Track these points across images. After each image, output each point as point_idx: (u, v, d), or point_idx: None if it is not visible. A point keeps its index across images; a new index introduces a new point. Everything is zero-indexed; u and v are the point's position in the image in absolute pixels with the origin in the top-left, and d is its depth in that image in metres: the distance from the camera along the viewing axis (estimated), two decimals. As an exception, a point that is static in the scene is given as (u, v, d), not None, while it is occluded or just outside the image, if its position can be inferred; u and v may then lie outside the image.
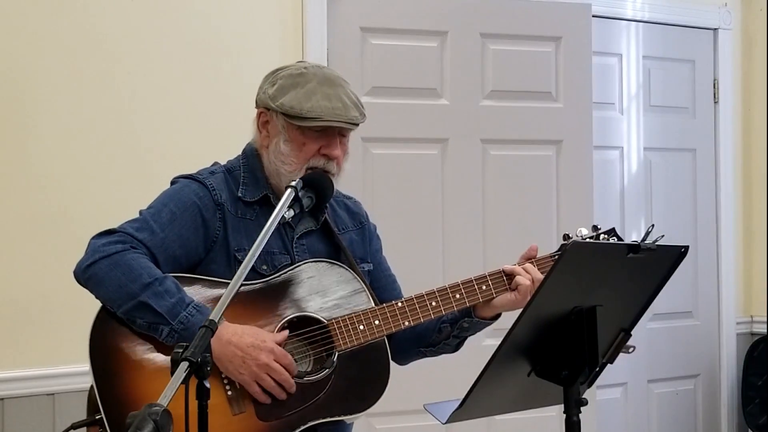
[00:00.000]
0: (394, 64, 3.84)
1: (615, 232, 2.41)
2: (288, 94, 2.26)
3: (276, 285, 2.25)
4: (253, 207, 2.32)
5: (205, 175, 2.33)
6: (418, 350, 2.48)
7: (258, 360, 2.14)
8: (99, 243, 2.19)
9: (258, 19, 3.59)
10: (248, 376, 2.14)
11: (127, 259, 2.16)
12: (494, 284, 2.33)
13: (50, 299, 3.18)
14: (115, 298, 2.15)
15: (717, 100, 4.62)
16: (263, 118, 2.33)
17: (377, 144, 3.82)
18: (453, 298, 2.31)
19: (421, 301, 2.30)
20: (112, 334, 2.17)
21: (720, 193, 4.63)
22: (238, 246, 2.27)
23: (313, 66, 2.34)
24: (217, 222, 2.27)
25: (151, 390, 2.09)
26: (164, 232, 2.22)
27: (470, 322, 2.39)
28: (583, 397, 2.01)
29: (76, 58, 3.29)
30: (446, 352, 2.49)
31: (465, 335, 2.44)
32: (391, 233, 3.81)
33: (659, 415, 4.53)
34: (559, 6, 4.06)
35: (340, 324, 2.25)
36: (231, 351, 2.13)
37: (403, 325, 2.28)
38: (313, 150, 2.28)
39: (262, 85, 2.35)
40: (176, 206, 2.25)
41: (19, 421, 3.18)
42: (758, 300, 4.65)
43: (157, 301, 2.13)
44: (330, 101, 2.26)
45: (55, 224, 3.23)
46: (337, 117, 2.26)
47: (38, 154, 3.24)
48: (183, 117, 3.44)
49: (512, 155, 4.00)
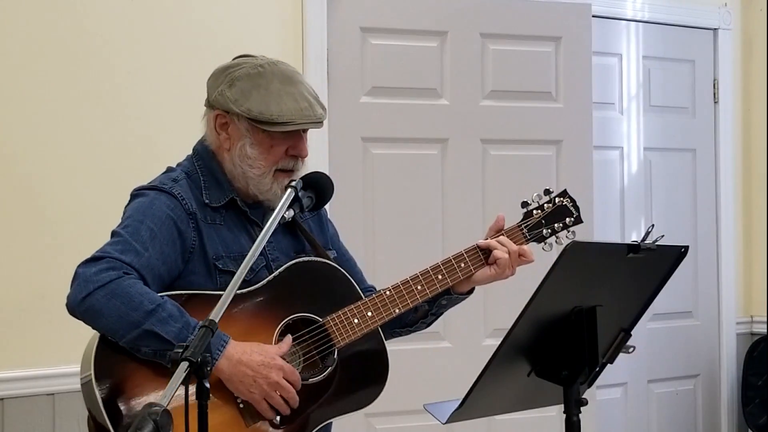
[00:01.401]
0: (394, 64, 3.84)
1: (567, 193, 2.47)
2: (251, 98, 2.22)
3: (266, 289, 2.24)
4: (219, 211, 2.28)
5: (169, 184, 2.27)
6: (393, 331, 2.48)
7: (269, 378, 2.13)
8: (89, 272, 2.11)
9: (258, 19, 3.59)
10: (258, 395, 2.14)
11: (124, 286, 2.10)
12: (472, 261, 2.37)
13: (50, 299, 3.18)
14: (116, 329, 2.09)
15: (717, 100, 4.62)
16: (221, 120, 2.28)
17: (377, 144, 3.82)
18: (436, 279, 2.34)
19: (407, 286, 2.32)
20: (115, 359, 2.12)
21: (720, 193, 4.63)
22: (215, 254, 2.24)
23: (267, 63, 2.29)
24: (191, 232, 2.23)
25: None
26: (148, 252, 2.16)
27: (449, 299, 2.41)
28: (583, 397, 2.01)
29: (76, 57, 3.28)
30: (420, 330, 2.51)
31: (442, 312, 2.46)
32: (391, 233, 3.83)
33: (659, 415, 4.53)
34: (559, 6, 4.06)
35: (336, 320, 2.25)
36: (242, 371, 2.12)
37: (394, 312, 2.30)
38: (280, 152, 2.26)
39: (215, 84, 2.30)
40: (153, 222, 2.19)
41: (19, 421, 3.17)
42: (758, 300, 4.65)
43: (162, 327, 2.08)
44: (297, 102, 2.23)
45: (55, 224, 3.23)
46: (306, 119, 2.23)
47: (38, 154, 3.24)
48: (182, 117, 3.43)
49: (512, 155, 4.00)
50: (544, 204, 2.44)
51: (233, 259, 2.24)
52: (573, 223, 2.46)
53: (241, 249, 2.24)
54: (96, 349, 2.12)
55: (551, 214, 2.44)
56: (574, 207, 2.47)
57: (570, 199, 2.47)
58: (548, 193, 2.46)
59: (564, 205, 2.46)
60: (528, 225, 2.43)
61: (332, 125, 3.62)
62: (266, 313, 2.23)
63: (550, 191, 2.47)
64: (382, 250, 3.78)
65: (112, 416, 2.07)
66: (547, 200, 2.45)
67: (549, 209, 2.44)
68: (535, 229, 2.43)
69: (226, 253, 2.25)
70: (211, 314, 1.82)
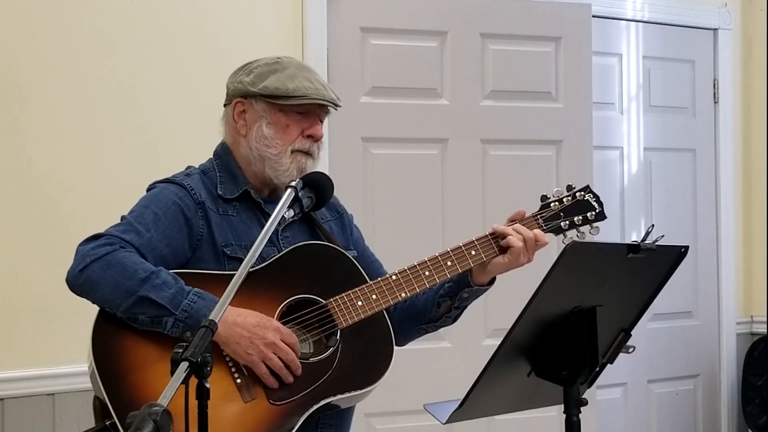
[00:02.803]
0: (394, 64, 3.84)
1: (590, 189, 2.44)
2: (269, 78, 2.31)
3: (269, 271, 2.25)
4: (233, 203, 2.33)
5: (180, 177, 2.34)
6: (418, 328, 2.49)
7: (265, 339, 2.14)
8: (87, 248, 2.18)
9: (258, 20, 3.59)
10: (256, 356, 2.14)
11: (119, 257, 2.15)
12: (483, 249, 2.35)
13: (50, 299, 3.18)
14: (113, 299, 2.14)
15: (717, 100, 4.62)
16: (239, 108, 2.35)
17: (377, 144, 3.82)
18: (445, 265, 2.33)
19: (414, 271, 2.32)
20: (114, 337, 2.16)
21: (720, 193, 4.63)
22: (224, 242, 2.27)
23: (285, 57, 2.39)
24: (200, 221, 2.27)
25: (162, 389, 2.09)
26: (150, 232, 2.22)
27: (470, 291, 2.40)
28: (583, 397, 2.01)
29: (75, 57, 3.29)
30: (446, 325, 2.50)
31: (465, 305, 2.45)
32: (391, 233, 3.83)
33: (659, 415, 4.53)
34: (559, 6, 4.06)
35: (338, 302, 2.25)
36: (237, 332, 2.13)
37: (400, 296, 2.29)
38: (296, 132, 2.32)
39: (233, 79, 2.38)
40: (158, 207, 2.25)
41: (19, 421, 3.17)
42: (758, 300, 4.65)
43: (156, 293, 2.12)
44: (312, 83, 2.31)
45: (55, 224, 3.23)
46: (322, 96, 2.31)
47: (38, 154, 3.24)
48: (182, 117, 3.43)
49: (512, 155, 4.00)
50: (563, 198, 2.43)
51: (243, 247, 2.26)
52: (595, 219, 2.43)
53: (252, 239, 2.23)
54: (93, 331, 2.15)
55: (570, 207, 2.42)
56: (597, 202, 2.44)
57: (593, 194, 2.44)
58: (570, 189, 2.45)
59: (586, 200, 2.43)
60: (543, 216, 2.41)
61: (332, 125, 3.61)
62: (268, 293, 2.23)
63: (572, 187, 2.45)
64: (382, 250, 3.73)
65: (113, 396, 2.10)
66: (568, 194, 2.43)
67: (568, 202, 2.42)
68: (552, 221, 2.40)
69: (237, 242, 2.28)
70: (212, 314, 1.82)
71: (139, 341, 2.16)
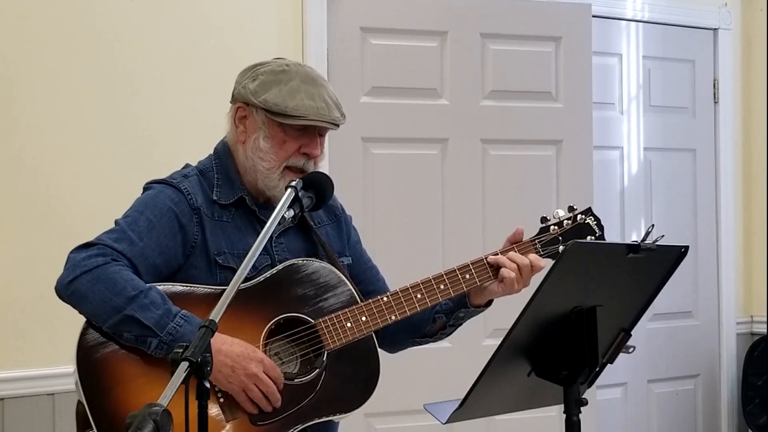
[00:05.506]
0: (394, 64, 3.84)
1: (591, 212, 2.39)
2: (271, 90, 2.26)
3: (260, 287, 2.23)
4: (228, 209, 2.30)
5: (178, 179, 2.30)
6: (412, 340, 2.49)
7: (247, 370, 2.12)
8: (78, 257, 2.16)
9: (258, 19, 3.59)
10: (237, 386, 2.13)
11: (110, 272, 2.13)
12: (477, 273, 2.33)
13: (50, 299, 3.15)
14: (99, 314, 2.12)
15: (717, 100, 4.62)
16: (241, 113, 2.32)
17: (377, 144, 3.82)
18: (438, 289, 2.30)
19: (406, 294, 2.29)
20: (99, 349, 2.14)
21: (720, 193, 4.63)
22: (217, 249, 2.25)
23: (294, 64, 2.34)
24: (194, 227, 2.25)
25: (144, 403, 2.09)
26: (143, 242, 2.19)
27: (466, 312, 2.39)
28: (583, 397, 2.01)
29: (75, 57, 3.29)
30: (441, 339, 2.50)
31: (460, 323, 2.45)
32: (391, 233, 3.83)
33: (659, 415, 4.53)
34: (559, 6, 4.06)
35: (327, 323, 2.24)
36: (221, 360, 2.11)
37: (390, 319, 2.28)
38: (293, 148, 2.28)
39: (240, 79, 2.34)
40: (153, 214, 2.23)
41: (19, 421, 3.18)
42: (758, 300, 4.65)
43: (143, 313, 2.10)
44: (314, 100, 2.25)
45: (55, 224, 3.23)
46: (321, 117, 2.26)
47: (37, 154, 3.24)
48: (182, 117, 3.43)
49: (512, 155, 4.00)
50: (564, 220, 2.36)
51: (236, 255, 2.24)
52: None
53: (246, 247, 2.23)
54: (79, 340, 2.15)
55: (570, 231, 2.35)
56: (597, 226, 2.37)
57: (594, 217, 2.37)
58: (572, 210, 2.38)
59: (586, 223, 2.37)
60: (542, 241, 2.35)
61: (332, 125, 3.62)
62: (257, 311, 2.22)
63: (573, 208, 2.38)
64: (382, 250, 3.77)
65: (94, 409, 2.10)
66: (568, 217, 2.37)
67: (568, 226, 2.35)
68: (550, 245, 2.35)
69: (230, 250, 2.26)
70: (212, 314, 1.82)
71: (124, 356, 2.14)
